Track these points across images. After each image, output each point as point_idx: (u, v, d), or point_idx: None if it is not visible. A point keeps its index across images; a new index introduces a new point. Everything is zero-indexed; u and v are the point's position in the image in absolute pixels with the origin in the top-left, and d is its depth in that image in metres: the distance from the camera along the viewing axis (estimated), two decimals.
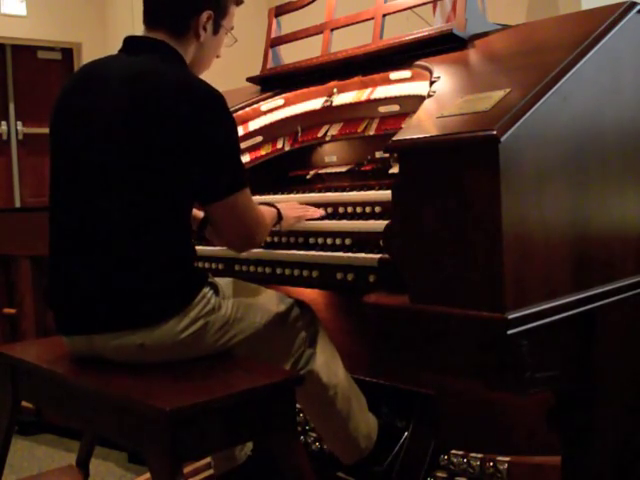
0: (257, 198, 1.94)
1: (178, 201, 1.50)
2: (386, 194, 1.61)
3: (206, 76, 1.57)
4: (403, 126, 1.68)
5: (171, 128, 1.44)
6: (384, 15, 1.96)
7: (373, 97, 1.94)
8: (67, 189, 1.54)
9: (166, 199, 1.47)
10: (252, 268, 1.87)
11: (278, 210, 1.73)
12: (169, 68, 1.53)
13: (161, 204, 1.47)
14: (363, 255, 1.58)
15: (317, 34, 2.15)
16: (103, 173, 1.47)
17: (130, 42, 1.60)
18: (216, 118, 1.49)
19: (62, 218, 1.55)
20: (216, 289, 1.58)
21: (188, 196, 1.53)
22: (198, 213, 1.81)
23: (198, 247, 1.99)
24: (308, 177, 2.19)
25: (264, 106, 2.22)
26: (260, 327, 1.64)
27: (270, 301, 1.69)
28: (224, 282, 1.65)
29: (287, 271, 1.77)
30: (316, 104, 2.08)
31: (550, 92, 1.25)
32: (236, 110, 2.19)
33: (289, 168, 2.28)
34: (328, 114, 2.08)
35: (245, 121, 2.23)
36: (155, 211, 1.47)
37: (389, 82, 1.91)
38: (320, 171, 2.17)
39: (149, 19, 1.61)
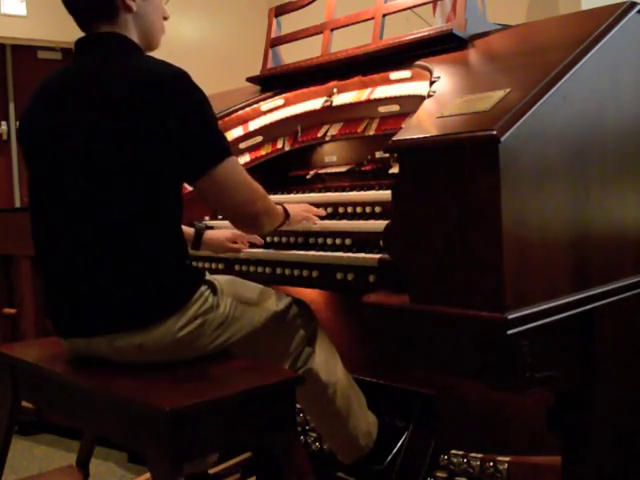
0: None
1: (168, 199, 1.50)
2: (386, 194, 1.61)
3: (207, 76, 1.57)
4: (403, 126, 1.68)
5: (140, 118, 1.41)
6: (384, 15, 1.97)
7: (373, 97, 1.94)
8: (53, 193, 1.51)
9: (155, 198, 1.46)
10: (252, 268, 1.87)
11: (284, 207, 1.72)
12: (125, 59, 1.50)
13: (151, 203, 1.46)
14: (363, 255, 1.58)
15: (317, 34, 2.15)
16: (91, 176, 1.45)
17: (80, 44, 1.57)
18: (181, 95, 1.45)
19: (50, 221, 1.52)
20: (214, 287, 1.58)
21: (177, 193, 1.52)
22: (189, 230, 1.82)
23: None
24: (308, 177, 2.19)
25: (264, 106, 2.22)
26: (258, 326, 1.63)
27: (269, 299, 1.69)
28: (223, 280, 1.64)
29: (287, 271, 1.77)
30: (316, 104, 2.08)
31: (550, 92, 1.25)
32: (236, 110, 2.19)
33: (289, 168, 2.28)
34: (328, 114, 2.08)
35: (245, 121, 2.23)
36: (145, 211, 1.45)
37: (389, 82, 1.91)
38: (320, 171, 2.17)
39: (80, 20, 1.57)
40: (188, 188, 1.75)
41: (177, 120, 1.43)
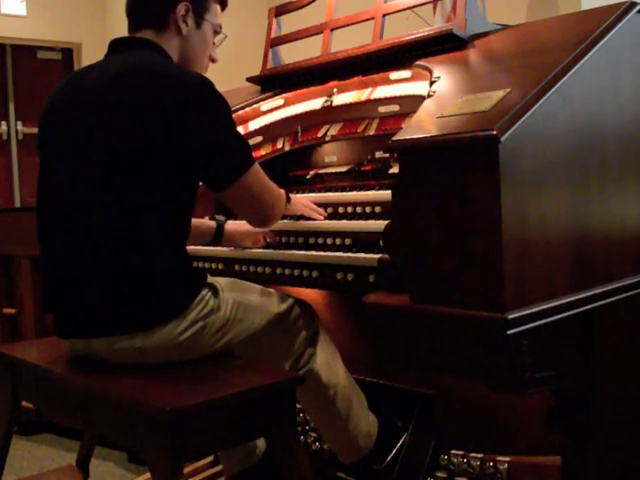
0: None
1: (176, 204, 1.50)
2: (386, 194, 1.61)
3: (207, 75, 1.57)
4: (403, 126, 1.68)
5: (157, 123, 1.42)
6: (384, 15, 1.96)
7: (373, 97, 1.94)
8: (59, 192, 1.52)
9: (162, 203, 1.46)
10: (252, 268, 1.87)
11: (287, 194, 1.74)
12: (151, 62, 1.52)
13: (158, 207, 1.46)
14: (363, 255, 1.58)
15: (317, 34, 2.15)
16: (96, 176, 1.45)
17: (115, 44, 1.61)
18: (204, 104, 1.46)
19: (55, 222, 1.53)
20: (215, 290, 1.57)
21: (186, 198, 1.52)
22: (210, 224, 1.84)
23: (199, 247, 2.00)
24: (308, 177, 2.19)
25: (264, 106, 2.22)
26: (260, 328, 1.63)
27: (270, 301, 1.69)
28: (224, 282, 1.64)
29: (287, 271, 1.77)
30: (316, 104, 2.08)
31: (550, 92, 1.25)
32: (236, 110, 2.19)
33: (289, 168, 2.28)
34: (328, 114, 2.08)
35: (245, 121, 2.23)
36: (151, 215, 1.45)
37: (389, 82, 1.91)
38: (320, 171, 2.17)
39: (130, 21, 1.63)
40: None
41: (194, 129, 1.44)
